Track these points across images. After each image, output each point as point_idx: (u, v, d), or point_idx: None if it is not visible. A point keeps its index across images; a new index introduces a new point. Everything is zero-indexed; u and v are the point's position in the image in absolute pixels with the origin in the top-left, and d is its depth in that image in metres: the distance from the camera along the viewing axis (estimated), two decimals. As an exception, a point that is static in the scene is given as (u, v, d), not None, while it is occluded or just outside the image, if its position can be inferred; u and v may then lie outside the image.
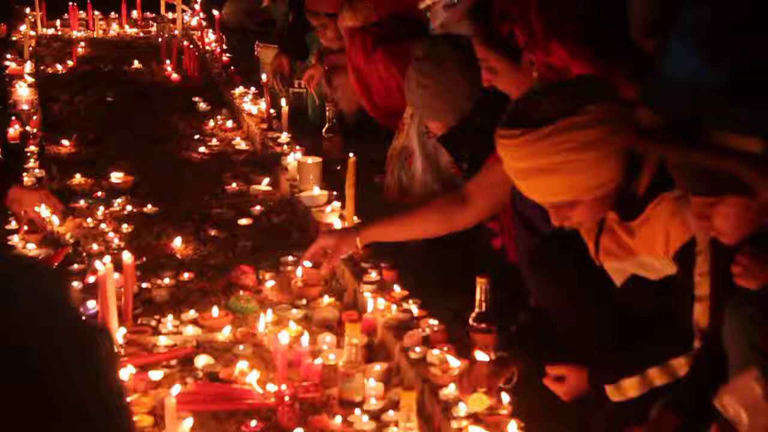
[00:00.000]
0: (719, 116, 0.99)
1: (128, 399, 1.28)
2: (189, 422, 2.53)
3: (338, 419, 2.60)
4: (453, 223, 3.13)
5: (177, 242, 3.83)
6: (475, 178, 3.14)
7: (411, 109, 3.87)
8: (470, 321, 2.85)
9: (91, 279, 3.32)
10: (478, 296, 2.81)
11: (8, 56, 6.46)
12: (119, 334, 2.97)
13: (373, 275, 3.33)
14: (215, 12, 7.22)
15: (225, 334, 3.08)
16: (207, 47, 7.17)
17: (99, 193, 4.38)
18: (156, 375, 2.80)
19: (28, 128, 4.77)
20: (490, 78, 3.04)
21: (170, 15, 8.31)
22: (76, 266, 3.52)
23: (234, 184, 4.59)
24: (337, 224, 3.77)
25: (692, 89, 1.03)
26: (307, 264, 3.39)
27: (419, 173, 3.80)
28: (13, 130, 4.73)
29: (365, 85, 4.63)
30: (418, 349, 2.83)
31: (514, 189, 2.97)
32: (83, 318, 1.27)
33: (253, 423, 2.59)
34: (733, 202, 1.97)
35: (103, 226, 4.00)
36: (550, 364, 2.49)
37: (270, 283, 3.46)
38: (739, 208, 1.98)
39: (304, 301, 3.33)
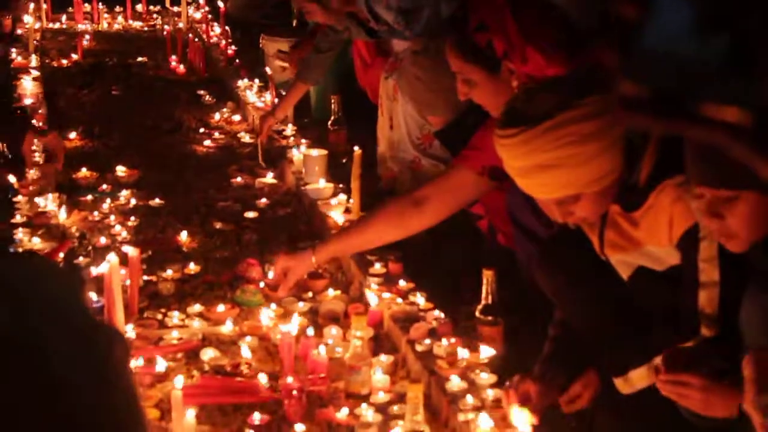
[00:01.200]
0: (708, 88, 0.95)
1: (140, 400, 1.26)
2: (194, 415, 2.52)
3: (345, 412, 2.60)
4: (408, 229, 3.14)
5: (183, 235, 3.82)
6: (433, 182, 3.14)
7: (408, 102, 3.85)
8: (476, 313, 2.84)
9: (94, 271, 3.31)
10: (484, 289, 2.80)
11: (13, 50, 6.46)
12: (125, 327, 2.97)
13: (378, 266, 3.32)
14: (220, 5, 7.21)
15: (230, 327, 3.08)
16: (212, 40, 7.17)
17: (104, 187, 4.38)
18: (162, 368, 2.80)
19: (33, 122, 4.76)
20: (466, 91, 3.02)
21: (175, 8, 8.30)
22: (81, 259, 3.51)
23: (239, 177, 4.59)
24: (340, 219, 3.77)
25: (680, 59, 0.99)
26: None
27: (431, 171, 3.81)
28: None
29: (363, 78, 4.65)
30: (427, 341, 2.83)
31: (508, 197, 2.97)
32: (97, 321, 1.25)
33: (259, 416, 2.58)
34: (752, 198, 1.92)
35: (111, 218, 4.00)
36: (560, 395, 2.46)
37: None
38: (756, 206, 1.92)
39: (310, 294, 3.33)
